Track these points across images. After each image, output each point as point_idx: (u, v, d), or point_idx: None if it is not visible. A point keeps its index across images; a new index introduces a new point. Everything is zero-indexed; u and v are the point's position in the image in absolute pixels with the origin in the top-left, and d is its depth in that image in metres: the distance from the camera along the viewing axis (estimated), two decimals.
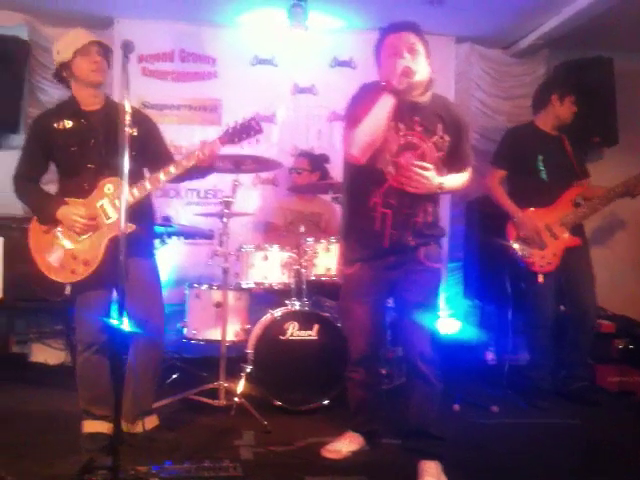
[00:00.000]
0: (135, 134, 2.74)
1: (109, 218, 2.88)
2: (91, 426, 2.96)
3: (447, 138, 2.77)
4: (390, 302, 3.04)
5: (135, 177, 2.76)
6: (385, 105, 2.63)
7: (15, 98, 4.73)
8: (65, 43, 2.96)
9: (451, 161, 2.83)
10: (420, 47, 2.71)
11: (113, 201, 2.87)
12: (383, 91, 2.64)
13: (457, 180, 2.86)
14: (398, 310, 2.90)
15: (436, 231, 2.86)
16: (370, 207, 2.75)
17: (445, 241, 4.11)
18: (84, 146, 2.92)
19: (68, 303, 3.08)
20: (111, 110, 2.93)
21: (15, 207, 3.65)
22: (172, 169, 2.83)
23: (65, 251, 2.91)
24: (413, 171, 2.67)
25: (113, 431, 2.33)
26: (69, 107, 3.01)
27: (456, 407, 3.64)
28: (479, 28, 5.03)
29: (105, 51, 2.98)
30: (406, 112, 2.71)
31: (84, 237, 2.89)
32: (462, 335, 4.65)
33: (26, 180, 3.01)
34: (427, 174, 2.68)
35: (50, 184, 3.09)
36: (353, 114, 2.74)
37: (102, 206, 2.89)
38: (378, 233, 2.74)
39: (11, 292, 4.31)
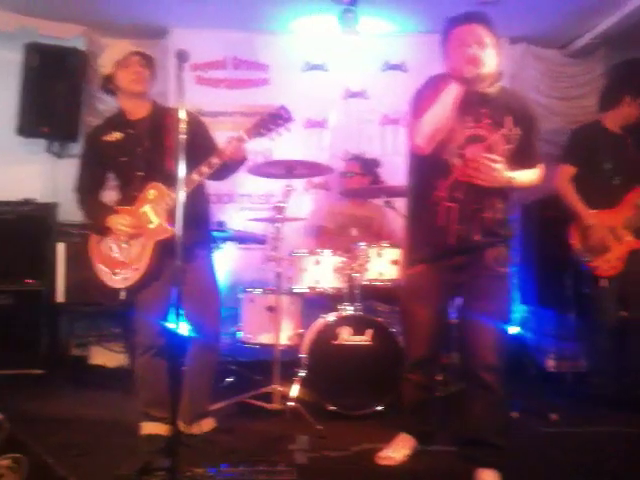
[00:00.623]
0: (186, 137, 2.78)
1: (151, 223, 2.93)
2: (149, 428, 3.01)
3: (517, 131, 2.68)
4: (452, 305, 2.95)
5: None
6: (451, 93, 2.58)
7: (74, 108, 4.89)
8: (107, 57, 3.03)
9: (521, 156, 2.71)
10: (488, 39, 2.62)
11: (155, 206, 2.92)
12: (450, 80, 2.59)
13: (527, 176, 2.75)
14: (462, 315, 2.80)
15: (506, 230, 2.75)
16: (434, 201, 2.67)
17: None
18: (132, 155, 2.98)
19: (126, 307, 3.15)
20: (158, 116, 3.00)
21: (76, 214, 3.75)
22: (204, 168, 2.83)
23: (117, 258, 2.99)
24: (481, 163, 2.58)
25: (170, 433, 2.35)
26: (117, 119, 3.09)
27: (515, 414, 3.56)
28: (534, 28, 4.95)
29: (147, 61, 3.01)
30: (474, 104, 2.63)
31: (132, 243, 2.96)
32: (520, 341, 4.56)
33: (84, 192, 3.11)
34: (496, 166, 2.58)
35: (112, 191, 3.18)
36: (419, 104, 2.69)
37: (145, 212, 2.94)
38: (443, 229, 2.66)
39: (72, 296, 4.46)
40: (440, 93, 2.59)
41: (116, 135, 3.02)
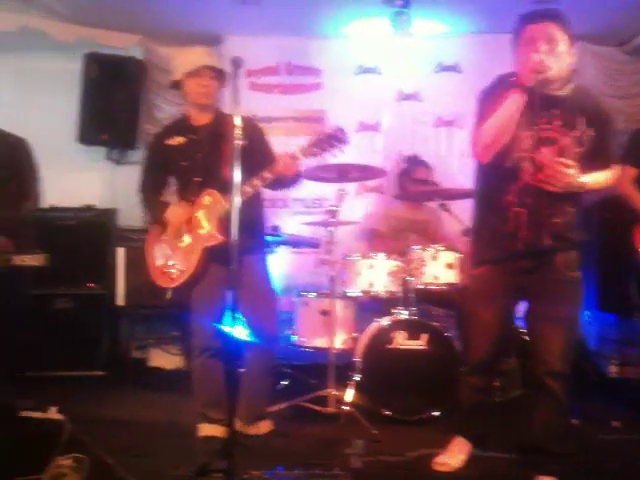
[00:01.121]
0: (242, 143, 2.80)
1: (202, 229, 2.98)
2: (206, 429, 3.05)
3: (590, 132, 2.56)
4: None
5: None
6: (513, 103, 2.50)
7: (132, 116, 5.01)
8: (180, 62, 3.10)
9: (594, 158, 2.59)
10: (561, 38, 2.52)
11: (208, 213, 2.97)
12: (513, 87, 2.52)
13: (600, 178, 2.63)
14: (529, 320, 2.74)
15: (577, 235, 2.67)
16: (503, 206, 2.59)
17: None
18: (192, 160, 3.04)
19: (182, 309, 3.21)
20: (220, 123, 3.03)
21: (135, 219, 3.84)
22: (257, 182, 2.87)
23: (166, 259, 3.07)
24: (553, 167, 2.48)
25: (227, 435, 2.38)
26: (180, 123, 3.16)
27: (575, 421, 3.47)
28: (592, 26, 4.79)
29: (218, 74, 3.05)
30: (543, 105, 2.50)
31: (182, 247, 3.02)
32: (580, 347, 4.43)
33: (146, 192, 3.20)
34: (569, 171, 2.48)
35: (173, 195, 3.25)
36: (483, 108, 2.63)
37: (198, 217, 3.00)
38: (510, 234, 2.58)
39: (132, 299, 4.57)
40: (504, 97, 2.51)
41: (179, 139, 3.09)
